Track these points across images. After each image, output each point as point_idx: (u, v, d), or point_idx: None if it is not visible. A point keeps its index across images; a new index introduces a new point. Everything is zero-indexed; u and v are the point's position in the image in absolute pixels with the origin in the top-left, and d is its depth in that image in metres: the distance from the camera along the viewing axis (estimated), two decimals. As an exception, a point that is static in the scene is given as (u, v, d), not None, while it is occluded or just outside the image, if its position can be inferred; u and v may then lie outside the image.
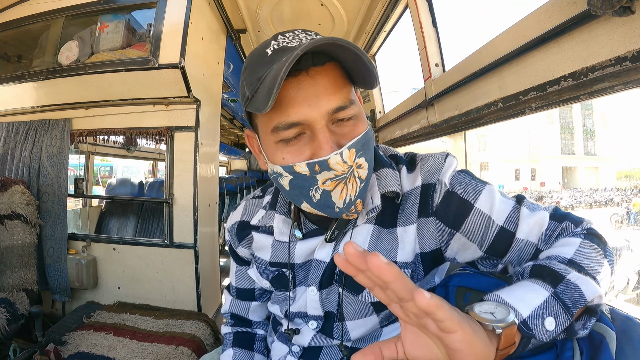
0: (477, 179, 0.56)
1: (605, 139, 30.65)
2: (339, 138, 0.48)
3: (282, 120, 0.47)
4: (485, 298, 0.40)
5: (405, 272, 0.57)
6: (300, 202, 0.53)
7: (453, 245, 0.56)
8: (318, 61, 0.47)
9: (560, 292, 0.39)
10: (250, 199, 0.74)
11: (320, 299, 0.61)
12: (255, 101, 0.46)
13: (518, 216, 0.52)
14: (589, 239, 0.48)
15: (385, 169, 0.58)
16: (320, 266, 0.60)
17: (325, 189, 0.49)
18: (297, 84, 0.46)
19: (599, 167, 30.34)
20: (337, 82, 0.48)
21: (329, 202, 0.50)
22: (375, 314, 0.59)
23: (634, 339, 0.42)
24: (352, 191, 0.49)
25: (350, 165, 0.48)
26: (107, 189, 3.19)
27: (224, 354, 0.73)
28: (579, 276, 0.40)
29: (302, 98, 0.46)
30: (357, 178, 0.49)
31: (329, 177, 0.48)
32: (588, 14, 0.66)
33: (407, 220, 0.57)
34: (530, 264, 0.45)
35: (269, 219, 0.65)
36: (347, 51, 0.45)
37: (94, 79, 1.73)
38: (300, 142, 0.49)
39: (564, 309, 0.39)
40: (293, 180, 0.50)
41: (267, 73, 0.45)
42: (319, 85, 0.47)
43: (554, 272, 0.41)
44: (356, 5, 2.15)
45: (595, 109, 30.19)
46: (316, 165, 0.47)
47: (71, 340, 1.46)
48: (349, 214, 0.51)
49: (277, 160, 0.50)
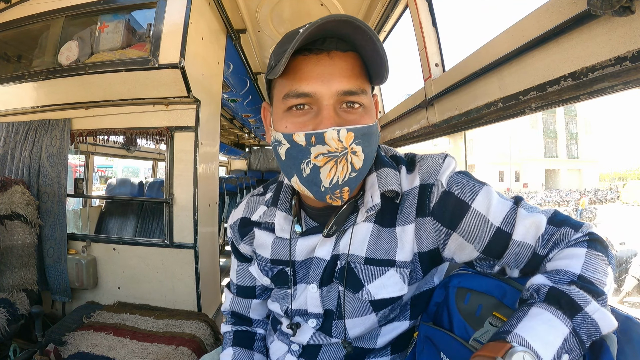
0: (475, 180, 0.56)
1: (588, 142, 32.02)
2: (342, 122, 0.50)
3: (294, 88, 0.50)
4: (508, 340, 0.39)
5: (404, 271, 0.57)
6: (291, 174, 0.53)
7: (450, 245, 0.56)
8: (341, 47, 0.50)
9: (577, 326, 0.39)
10: (252, 196, 0.74)
11: (320, 296, 0.61)
12: (275, 68, 0.49)
13: (515, 217, 0.52)
14: (593, 247, 0.48)
15: (385, 169, 0.59)
16: (320, 264, 0.60)
17: (315, 164, 0.50)
18: (317, 61, 0.49)
19: (582, 170, 31.61)
20: (355, 69, 0.51)
21: (316, 178, 0.50)
22: (373, 313, 0.59)
23: (634, 339, 0.42)
24: (340, 173, 0.50)
25: (345, 147, 0.49)
26: (107, 189, 3.18)
27: (224, 352, 0.73)
28: (597, 308, 0.40)
29: (317, 74, 0.49)
30: (349, 163, 0.50)
31: (321, 151, 0.49)
32: (588, 14, 0.66)
33: (405, 220, 0.57)
34: (548, 285, 0.44)
35: (270, 215, 0.65)
36: (363, 35, 0.47)
37: (94, 79, 1.73)
38: (306, 115, 0.51)
39: (579, 345, 0.39)
40: (289, 149, 0.51)
41: (291, 45, 0.47)
42: (335, 66, 0.49)
43: (572, 301, 0.41)
44: (356, 5, 2.15)
45: (579, 114, 31.42)
46: (313, 136, 0.49)
47: (71, 341, 1.46)
48: (333, 196, 0.51)
49: (280, 128, 0.52)
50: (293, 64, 0.50)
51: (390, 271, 0.57)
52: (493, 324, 0.50)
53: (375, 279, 0.57)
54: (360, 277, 0.58)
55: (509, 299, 0.52)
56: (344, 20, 0.45)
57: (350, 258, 0.58)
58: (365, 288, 0.57)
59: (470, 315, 0.54)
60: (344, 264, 0.58)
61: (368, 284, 0.57)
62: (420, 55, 1.62)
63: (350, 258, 0.58)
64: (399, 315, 0.62)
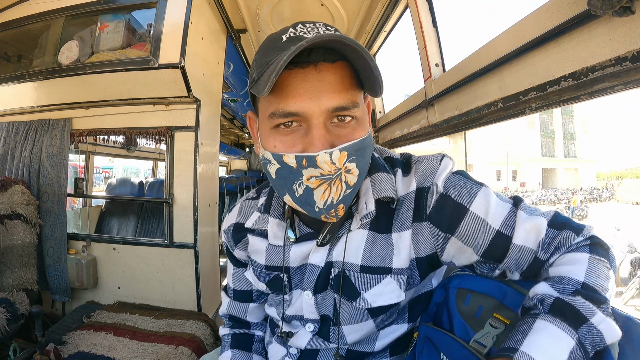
0: (473, 181, 0.55)
1: (585, 142, 32.76)
2: (334, 138, 0.47)
3: (281, 107, 0.47)
4: (515, 358, 0.39)
5: (401, 278, 0.56)
6: (283, 193, 0.52)
7: (449, 249, 0.55)
8: (329, 58, 0.46)
9: (583, 337, 0.39)
10: (245, 200, 0.73)
11: (315, 303, 0.60)
12: (258, 84, 0.46)
13: (515, 220, 0.51)
14: (595, 251, 0.47)
15: (380, 174, 0.57)
16: (314, 270, 0.59)
17: (308, 186, 0.48)
18: (303, 76, 0.46)
19: (579, 169, 32.26)
20: (344, 81, 0.47)
21: (309, 199, 0.49)
22: (371, 319, 0.59)
23: (634, 339, 0.42)
24: (335, 194, 0.48)
25: (339, 167, 0.47)
26: (107, 189, 3.18)
27: (223, 355, 0.73)
28: (602, 319, 0.40)
29: (304, 90, 0.46)
30: (343, 182, 0.48)
31: (314, 174, 0.47)
32: (588, 14, 0.66)
33: (402, 226, 0.55)
34: (553, 295, 0.43)
35: (263, 222, 0.64)
36: (354, 52, 0.44)
37: (94, 79, 1.73)
38: (295, 133, 0.48)
39: (584, 356, 0.39)
40: (280, 169, 0.49)
41: (275, 59, 0.45)
42: (324, 81, 0.46)
43: (578, 313, 0.40)
44: (356, 5, 2.15)
45: (577, 114, 32.10)
46: (304, 159, 0.46)
47: (71, 340, 1.46)
48: (327, 216, 0.50)
49: (268, 147, 0.50)
50: (278, 79, 0.46)
51: (387, 278, 0.55)
52: (494, 326, 0.49)
53: (371, 287, 0.56)
54: (356, 286, 0.56)
55: (509, 301, 0.52)
56: (332, 41, 0.43)
57: (345, 266, 0.57)
58: (362, 296, 0.56)
59: (471, 316, 0.54)
60: (339, 272, 0.57)
61: (365, 293, 0.56)
62: (421, 55, 1.62)
63: (345, 266, 0.57)
64: (397, 318, 0.61)
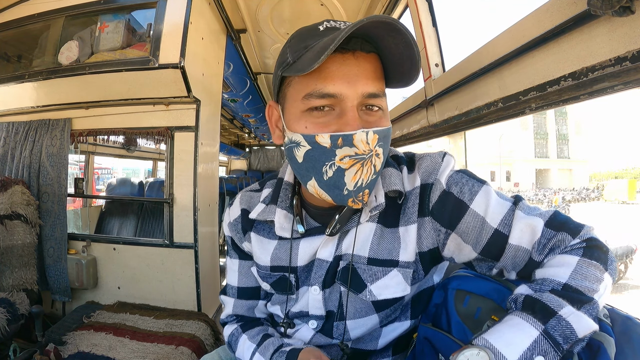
0: (475, 179, 0.56)
1: (578, 143, 33.69)
2: (364, 124, 0.49)
3: (319, 88, 0.48)
4: (474, 342, 0.41)
5: (407, 271, 0.57)
6: (308, 178, 0.52)
7: (449, 245, 0.56)
8: (365, 48, 0.49)
9: (551, 329, 0.40)
10: (246, 191, 0.71)
11: (323, 298, 0.61)
12: (297, 64, 0.47)
13: (512, 219, 0.51)
14: (587, 254, 0.46)
15: (389, 168, 0.59)
16: (323, 265, 0.60)
17: (340, 166, 0.48)
18: (342, 61, 0.48)
19: (573, 169, 33.12)
20: (377, 72, 0.50)
21: (340, 181, 0.49)
22: (375, 313, 0.59)
23: (634, 339, 0.42)
24: (365, 176, 0.49)
25: (371, 149, 0.48)
26: (107, 189, 3.18)
27: (239, 345, 0.67)
28: (572, 311, 0.40)
29: (343, 74, 0.47)
30: (373, 165, 0.49)
31: (348, 153, 0.48)
32: (588, 14, 0.65)
33: (408, 220, 0.56)
34: (524, 294, 0.45)
35: (269, 213, 0.62)
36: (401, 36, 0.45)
37: (94, 79, 1.73)
38: (327, 116, 0.49)
39: (554, 347, 0.39)
40: (310, 151, 0.49)
41: (317, 43, 0.46)
42: (361, 67, 0.48)
43: (545, 307, 0.41)
44: (356, 5, 2.15)
45: (570, 116, 32.98)
46: (340, 138, 0.47)
47: (71, 340, 1.46)
48: (355, 199, 0.50)
49: (298, 129, 0.50)
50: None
51: (393, 271, 0.56)
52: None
53: (378, 279, 0.56)
54: (363, 278, 0.57)
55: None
56: (386, 22, 0.44)
57: (353, 259, 0.57)
58: (368, 289, 0.57)
59: (469, 317, 0.54)
60: (347, 264, 0.57)
61: (371, 285, 0.57)
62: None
63: (353, 259, 0.57)
64: (400, 315, 0.62)
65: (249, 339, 0.66)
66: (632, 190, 23.82)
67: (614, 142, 54.00)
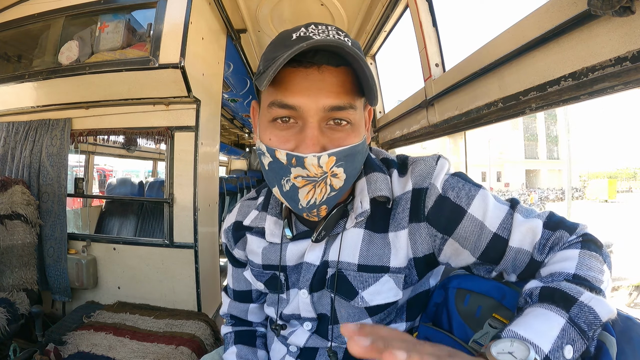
0: (471, 183, 0.55)
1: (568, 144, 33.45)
2: (326, 141, 0.48)
3: (279, 98, 0.48)
4: (502, 335, 0.39)
5: (399, 276, 0.56)
6: (273, 185, 0.53)
7: (446, 250, 0.55)
8: (333, 62, 0.48)
9: (575, 316, 0.39)
10: (245, 200, 0.74)
11: (312, 302, 0.61)
12: (262, 77, 0.47)
13: (511, 222, 0.51)
14: (586, 247, 0.48)
15: (375, 173, 0.58)
16: (310, 269, 0.60)
17: (294, 184, 0.49)
18: (305, 75, 0.48)
19: (562, 170, 33.70)
20: (345, 85, 0.49)
21: (295, 196, 0.50)
22: (369, 318, 0.59)
23: (634, 339, 0.42)
24: (318, 195, 0.50)
25: (325, 171, 0.48)
26: (107, 189, 3.19)
27: (228, 351, 0.73)
28: (592, 296, 0.40)
29: (304, 87, 0.47)
30: (328, 185, 0.49)
31: (301, 174, 0.48)
32: (588, 14, 0.65)
33: (398, 226, 0.56)
34: (539, 286, 0.44)
35: (260, 220, 0.65)
36: (354, 60, 0.45)
37: (94, 79, 1.73)
38: (290, 130, 0.49)
39: (581, 334, 0.38)
40: (272, 163, 0.51)
41: (281, 55, 0.46)
42: (325, 81, 0.48)
43: (565, 294, 0.41)
44: (356, 5, 2.15)
45: (559, 118, 33.70)
46: (293, 158, 0.48)
47: (71, 340, 1.46)
48: (309, 214, 0.52)
49: (264, 139, 0.51)
50: (281, 75, 0.48)
51: (384, 277, 0.56)
52: (492, 326, 0.50)
53: (369, 285, 0.56)
54: (353, 285, 0.57)
55: (508, 301, 0.52)
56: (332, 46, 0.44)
57: (341, 265, 0.57)
58: (360, 295, 0.56)
59: (470, 316, 0.54)
60: (335, 272, 0.57)
61: (362, 291, 0.56)
62: (421, 55, 1.62)
63: (341, 265, 0.57)
64: (395, 318, 0.62)
65: (237, 357, 0.71)
66: (611, 190, 24.95)
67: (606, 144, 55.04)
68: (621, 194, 30.53)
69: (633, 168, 41.73)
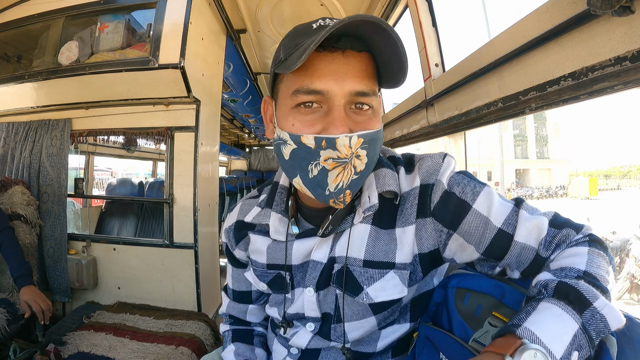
0: (476, 181, 0.56)
1: (557, 144, 35.84)
2: (352, 124, 0.49)
3: (306, 84, 0.48)
4: (519, 334, 0.38)
5: (404, 273, 0.56)
6: (294, 175, 0.52)
7: (451, 245, 0.55)
8: (356, 47, 0.48)
9: (587, 322, 0.39)
10: (246, 199, 0.73)
11: (317, 300, 0.60)
12: (287, 62, 0.47)
13: (517, 219, 0.52)
14: (594, 246, 0.48)
15: (384, 169, 0.58)
16: (317, 267, 0.59)
17: (325, 167, 0.49)
18: (331, 59, 0.48)
19: (552, 169, 35.10)
20: (368, 71, 0.49)
21: (323, 181, 0.49)
22: (373, 316, 0.59)
23: (634, 339, 0.42)
24: (345, 178, 0.49)
25: (353, 152, 0.48)
26: (107, 189, 3.18)
27: (226, 349, 0.73)
28: (605, 303, 0.40)
29: (330, 71, 0.47)
30: (352, 166, 0.49)
31: (331, 156, 0.48)
32: (588, 13, 0.65)
33: (405, 222, 0.56)
34: (556, 280, 0.44)
35: (264, 216, 0.63)
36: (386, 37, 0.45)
37: (94, 79, 1.73)
38: (315, 114, 0.49)
39: (588, 342, 0.38)
40: (296, 150, 0.50)
41: (306, 41, 0.46)
42: (350, 65, 0.48)
43: (581, 296, 0.40)
44: (356, 5, 2.15)
45: (549, 119, 34.82)
46: (323, 140, 0.47)
47: (71, 341, 1.46)
48: (336, 201, 0.51)
49: (286, 126, 0.50)
50: (306, 60, 0.47)
51: (389, 273, 0.56)
52: (492, 324, 0.50)
53: (374, 281, 0.56)
54: (359, 280, 0.57)
55: (508, 299, 0.52)
56: (370, 22, 0.44)
57: (348, 261, 0.57)
58: (365, 291, 0.56)
59: (470, 315, 0.54)
60: (342, 267, 0.57)
61: (367, 287, 0.56)
62: (420, 55, 1.62)
63: (348, 261, 0.57)
64: (399, 317, 0.61)
65: (235, 355, 0.71)
66: (592, 188, 26.47)
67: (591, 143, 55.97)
68: (609, 192, 32.15)
69: (627, 166, 43.07)
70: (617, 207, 19.30)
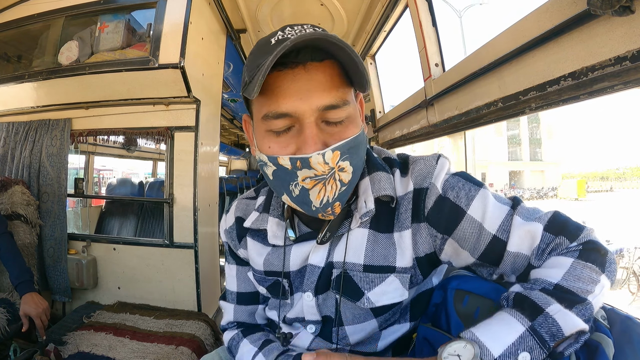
0: (472, 183, 0.54)
1: (550, 146, 36.65)
2: (326, 137, 0.48)
3: (272, 109, 0.47)
4: (462, 335, 0.42)
5: (405, 276, 0.56)
6: (281, 193, 0.52)
7: (447, 250, 0.55)
8: (317, 57, 0.47)
9: (538, 326, 0.41)
10: (242, 199, 0.72)
11: (316, 304, 0.60)
12: (249, 87, 0.46)
13: (511, 224, 0.50)
14: (583, 257, 0.46)
15: (379, 173, 0.57)
16: (315, 271, 0.59)
17: (304, 186, 0.48)
18: (292, 77, 0.46)
19: (545, 171, 35.91)
20: (334, 80, 0.48)
21: (306, 199, 0.49)
22: (374, 318, 0.59)
23: (634, 338, 0.42)
24: (330, 193, 0.48)
25: (332, 167, 0.47)
26: (107, 189, 3.18)
27: (241, 345, 0.66)
28: (559, 309, 0.41)
29: (294, 90, 0.46)
30: (337, 181, 0.48)
31: (308, 175, 0.47)
32: (588, 13, 0.65)
33: (402, 226, 0.55)
34: (514, 291, 0.46)
35: (262, 221, 0.63)
36: (339, 49, 0.45)
37: (94, 79, 1.73)
38: (288, 134, 0.49)
39: (540, 343, 0.40)
40: (276, 171, 0.50)
41: (265, 61, 0.45)
42: (314, 80, 0.46)
43: (533, 304, 0.42)
44: (356, 5, 2.15)
45: (542, 122, 35.50)
46: (298, 161, 0.47)
47: (71, 340, 1.46)
48: (324, 214, 0.50)
49: (263, 149, 0.50)
50: (269, 81, 0.46)
51: (390, 277, 0.55)
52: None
53: (375, 286, 0.56)
54: (359, 285, 0.56)
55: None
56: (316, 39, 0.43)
57: (347, 266, 0.56)
58: (366, 296, 0.56)
59: (469, 317, 0.54)
60: (340, 272, 0.57)
61: (368, 292, 0.56)
62: (420, 55, 1.62)
63: (347, 266, 0.56)
64: (399, 318, 0.61)
65: (250, 343, 0.66)
66: (581, 189, 27.55)
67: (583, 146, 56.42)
68: (600, 193, 32.97)
69: (622, 168, 43.90)
70: (601, 208, 19.90)
